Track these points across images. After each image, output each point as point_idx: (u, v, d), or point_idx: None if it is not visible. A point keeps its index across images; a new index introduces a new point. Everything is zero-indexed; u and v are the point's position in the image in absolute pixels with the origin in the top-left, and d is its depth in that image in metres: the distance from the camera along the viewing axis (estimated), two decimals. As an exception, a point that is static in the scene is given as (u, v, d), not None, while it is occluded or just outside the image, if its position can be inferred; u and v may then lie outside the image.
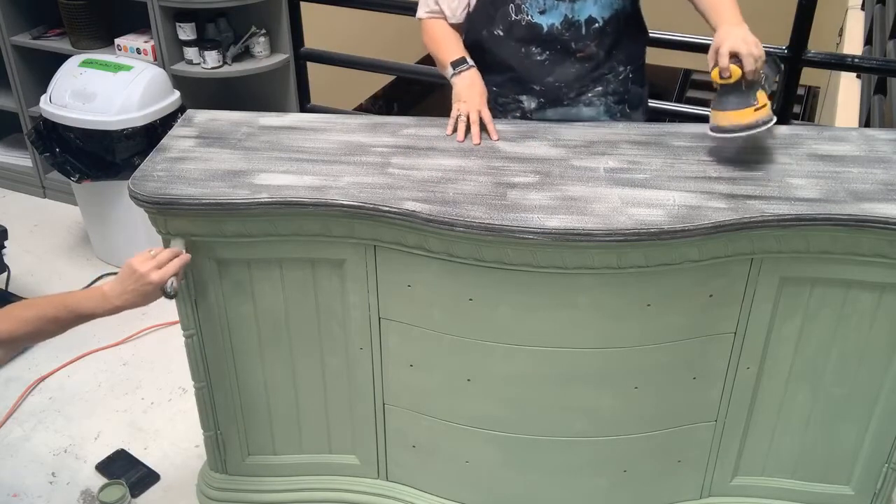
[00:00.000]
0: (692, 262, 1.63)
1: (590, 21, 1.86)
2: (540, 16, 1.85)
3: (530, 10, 1.85)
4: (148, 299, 1.61)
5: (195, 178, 1.70)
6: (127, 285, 1.59)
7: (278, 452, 2.04)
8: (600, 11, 1.87)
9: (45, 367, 2.67)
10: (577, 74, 1.91)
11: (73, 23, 3.26)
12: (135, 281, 1.58)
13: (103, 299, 1.60)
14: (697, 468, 1.95)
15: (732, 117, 1.69)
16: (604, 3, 1.86)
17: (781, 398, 1.85)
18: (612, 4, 1.87)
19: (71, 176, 2.95)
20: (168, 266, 1.60)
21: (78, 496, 2.24)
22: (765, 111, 1.68)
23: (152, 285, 1.58)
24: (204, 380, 1.91)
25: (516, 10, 1.86)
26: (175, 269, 1.61)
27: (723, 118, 1.70)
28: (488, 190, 1.66)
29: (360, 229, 1.68)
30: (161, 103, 2.98)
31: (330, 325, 1.83)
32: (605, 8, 1.87)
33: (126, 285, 1.59)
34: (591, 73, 1.92)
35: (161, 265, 1.60)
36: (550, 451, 1.87)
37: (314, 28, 3.47)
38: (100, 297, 1.60)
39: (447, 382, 1.82)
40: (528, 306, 1.68)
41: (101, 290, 1.61)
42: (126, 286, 1.59)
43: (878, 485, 1.94)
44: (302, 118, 1.98)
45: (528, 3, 1.85)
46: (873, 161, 1.78)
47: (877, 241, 1.62)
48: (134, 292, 1.59)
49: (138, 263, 1.59)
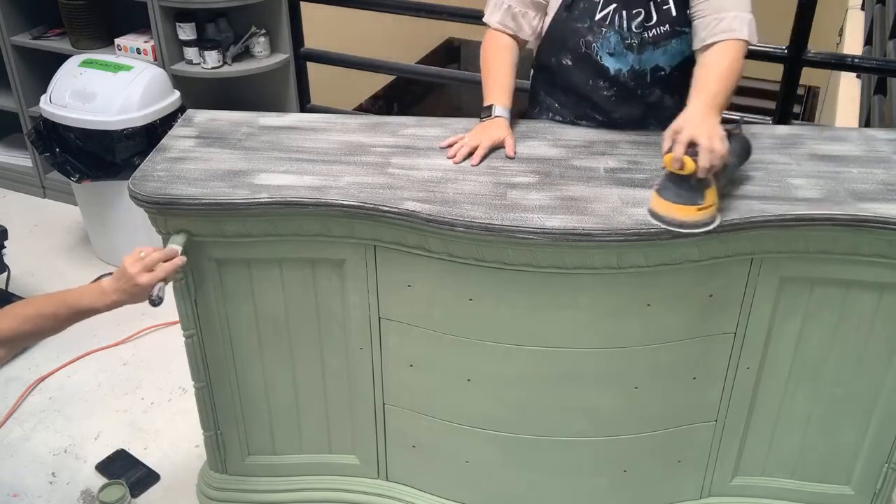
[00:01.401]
0: (692, 262, 1.63)
1: (655, 69, 1.82)
2: (608, 57, 1.80)
3: (600, 50, 1.80)
4: (138, 299, 1.60)
5: (195, 178, 1.70)
6: (120, 283, 1.59)
7: (278, 452, 2.04)
8: (669, 60, 1.82)
9: (45, 367, 2.67)
10: (642, 114, 1.88)
11: (73, 23, 3.25)
12: (126, 281, 1.58)
13: (101, 294, 1.60)
14: (697, 468, 1.95)
15: (672, 210, 1.52)
16: (673, 52, 1.81)
17: (781, 398, 1.85)
18: (682, 52, 1.82)
19: (71, 176, 2.95)
20: (158, 270, 1.58)
21: (78, 496, 2.23)
22: (709, 212, 1.52)
23: (140, 287, 1.57)
24: (204, 380, 1.91)
25: (586, 45, 1.81)
26: (164, 274, 1.59)
27: (661, 207, 1.54)
28: (488, 190, 1.66)
29: (360, 229, 1.68)
30: (161, 103, 2.98)
31: (330, 325, 1.83)
32: (675, 56, 1.82)
33: (120, 283, 1.59)
34: (655, 112, 1.88)
35: (149, 267, 1.58)
36: (550, 451, 1.87)
37: (314, 28, 3.47)
38: (98, 292, 1.60)
39: (447, 382, 1.82)
40: (528, 306, 1.68)
41: (100, 285, 1.61)
42: (119, 284, 1.59)
43: (878, 485, 1.94)
44: (302, 118, 1.98)
45: (598, 43, 1.80)
46: (873, 161, 1.78)
47: (877, 241, 1.62)
48: (125, 291, 1.58)
49: (129, 264, 1.58)
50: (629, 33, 1.78)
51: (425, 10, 3.31)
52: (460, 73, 3.90)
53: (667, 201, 1.53)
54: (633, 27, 1.78)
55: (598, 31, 1.79)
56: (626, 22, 1.78)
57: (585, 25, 1.80)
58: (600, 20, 1.79)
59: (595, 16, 1.79)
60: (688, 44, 1.80)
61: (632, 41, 1.78)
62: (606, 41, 1.79)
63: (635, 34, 1.78)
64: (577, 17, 1.81)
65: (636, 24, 1.77)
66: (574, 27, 1.81)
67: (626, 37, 1.78)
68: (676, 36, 1.79)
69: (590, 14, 1.79)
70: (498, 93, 1.86)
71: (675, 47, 1.81)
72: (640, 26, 1.78)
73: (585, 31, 1.80)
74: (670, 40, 1.79)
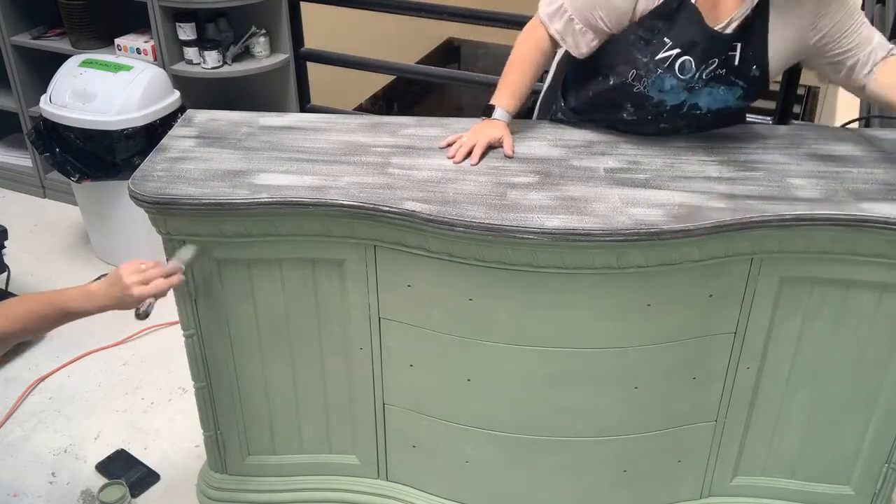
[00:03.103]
0: (692, 262, 1.63)
1: (693, 107, 1.78)
2: (658, 93, 1.75)
3: (651, 87, 1.74)
4: (125, 307, 1.60)
5: (195, 178, 1.70)
6: (113, 290, 1.59)
7: (278, 452, 2.04)
8: (710, 104, 1.78)
9: (45, 367, 2.67)
10: (651, 134, 1.86)
11: (73, 23, 3.25)
12: (120, 289, 1.58)
13: (90, 297, 1.59)
14: (697, 468, 1.95)
15: None
16: (718, 99, 1.77)
17: (781, 398, 1.85)
18: (726, 102, 1.78)
19: (71, 176, 2.95)
20: (153, 285, 1.58)
21: (78, 496, 2.23)
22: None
23: (132, 299, 1.57)
24: (204, 380, 1.91)
25: (636, 77, 1.75)
26: (157, 291, 1.58)
27: None
28: (488, 190, 1.66)
29: (360, 229, 1.68)
30: (161, 103, 2.98)
31: (330, 325, 1.83)
32: (718, 102, 1.78)
33: (112, 289, 1.59)
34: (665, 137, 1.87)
35: (147, 281, 1.58)
36: (550, 451, 1.87)
37: (314, 28, 3.47)
38: (87, 295, 1.60)
39: (447, 382, 1.82)
40: (528, 306, 1.68)
41: (89, 288, 1.60)
42: (112, 290, 1.59)
43: (878, 485, 1.94)
44: (302, 118, 1.98)
45: (651, 81, 1.73)
46: (873, 161, 1.78)
47: (877, 241, 1.62)
48: (115, 298, 1.58)
49: (126, 273, 1.58)
50: (697, 81, 1.73)
51: (425, 10, 3.31)
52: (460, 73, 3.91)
53: None
54: (703, 76, 1.73)
55: (654, 70, 1.73)
56: (695, 72, 1.72)
57: (644, 59, 1.73)
58: (660, 60, 1.72)
59: (657, 54, 1.72)
60: (735, 96, 1.77)
61: (695, 85, 1.74)
62: (660, 80, 1.73)
63: (703, 80, 1.74)
64: (642, 49, 1.73)
65: (707, 72, 1.73)
66: (634, 57, 1.74)
67: (690, 82, 1.73)
68: (726, 84, 1.75)
69: (653, 51, 1.72)
70: (507, 96, 1.83)
71: (721, 94, 1.77)
72: (711, 74, 1.73)
73: (642, 65, 1.74)
74: (719, 86, 1.75)
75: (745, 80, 1.75)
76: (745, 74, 1.75)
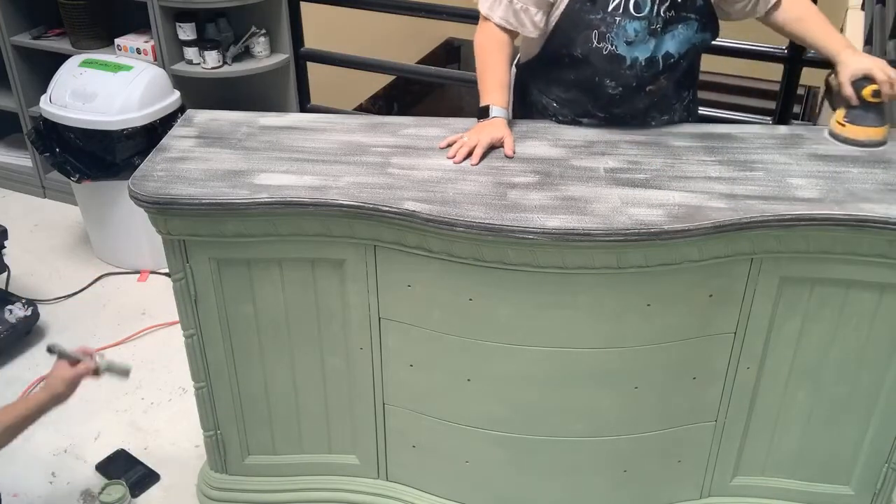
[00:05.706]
0: (692, 262, 1.63)
1: (666, 56, 1.82)
2: (626, 47, 1.78)
3: (616, 39, 1.78)
4: None
5: (195, 178, 1.70)
6: None
7: (278, 452, 2.04)
8: (678, 47, 1.82)
9: (45, 367, 2.65)
10: (645, 107, 1.89)
11: (73, 23, 3.25)
12: None
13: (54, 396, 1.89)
14: (697, 468, 1.95)
15: (871, 133, 1.83)
16: (682, 39, 1.82)
17: (781, 398, 1.85)
18: (689, 39, 1.83)
19: (71, 176, 2.95)
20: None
21: (78, 496, 2.23)
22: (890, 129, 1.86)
23: None
24: (204, 380, 1.91)
25: (599, 37, 1.78)
26: None
27: (862, 132, 1.83)
28: (488, 190, 1.66)
29: (360, 229, 1.68)
30: (161, 103, 2.98)
31: (330, 325, 1.83)
32: (684, 43, 1.82)
33: None
34: (658, 104, 1.90)
35: None
36: (550, 451, 1.87)
37: (314, 28, 3.47)
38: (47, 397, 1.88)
39: (447, 382, 1.82)
40: (528, 306, 1.68)
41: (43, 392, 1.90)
42: None
43: (878, 485, 1.94)
44: (302, 118, 1.98)
45: (614, 32, 1.77)
46: (873, 161, 1.78)
47: (877, 241, 1.62)
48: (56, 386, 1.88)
49: None
50: (657, 18, 1.77)
51: (425, 10, 3.31)
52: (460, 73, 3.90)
53: (867, 127, 1.82)
54: (661, 11, 1.77)
55: (612, 21, 1.77)
56: (650, 6, 1.76)
57: (598, 17, 1.78)
58: (613, 10, 1.77)
59: (608, 6, 1.77)
60: (693, 30, 1.82)
61: (657, 26, 1.78)
62: (622, 30, 1.77)
63: (662, 18, 1.78)
64: (591, 9, 1.78)
65: (665, 7, 1.77)
66: (588, 19, 1.79)
67: (653, 22, 1.77)
68: (682, 22, 1.80)
69: (602, 6, 1.78)
70: (495, 92, 1.86)
71: (681, 33, 1.81)
72: (668, 10, 1.78)
73: (598, 22, 1.78)
74: (677, 25, 1.80)
75: (695, 12, 1.81)
76: (692, 5, 1.80)
